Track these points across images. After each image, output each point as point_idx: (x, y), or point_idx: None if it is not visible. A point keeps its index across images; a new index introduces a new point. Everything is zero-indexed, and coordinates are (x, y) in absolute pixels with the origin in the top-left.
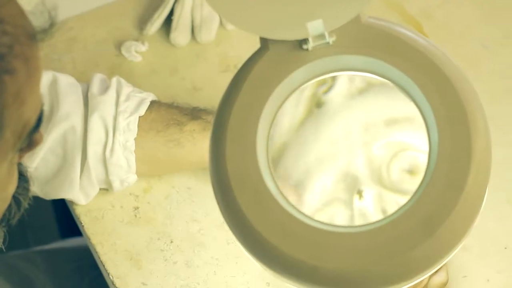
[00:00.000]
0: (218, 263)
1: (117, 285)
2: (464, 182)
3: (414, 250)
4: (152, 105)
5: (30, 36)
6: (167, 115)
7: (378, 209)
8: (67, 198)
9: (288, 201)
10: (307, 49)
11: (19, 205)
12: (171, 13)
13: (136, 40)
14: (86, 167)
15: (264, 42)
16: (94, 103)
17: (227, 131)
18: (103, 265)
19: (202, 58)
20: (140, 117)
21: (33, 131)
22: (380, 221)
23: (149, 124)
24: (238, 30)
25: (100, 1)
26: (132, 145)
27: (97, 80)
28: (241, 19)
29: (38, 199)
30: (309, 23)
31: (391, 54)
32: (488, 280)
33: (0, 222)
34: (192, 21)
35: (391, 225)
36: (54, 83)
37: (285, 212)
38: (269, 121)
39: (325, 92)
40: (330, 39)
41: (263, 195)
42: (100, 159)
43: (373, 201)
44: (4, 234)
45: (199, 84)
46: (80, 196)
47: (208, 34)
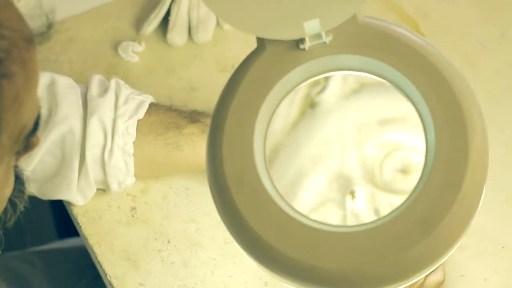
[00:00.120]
0: (216, 263)
1: (114, 286)
2: (461, 181)
3: (411, 250)
4: (151, 108)
5: (28, 40)
6: (166, 118)
7: (370, 209)
8: (64, 199)
9: (285, 201)
10: (303, 49)
11: (15, 208)
12: (168, 13)
13: (133, 40)
14: (84, 169)
15: (261, 42)
16: (93, 105)
17: (224, 131)
18: (101, 266)
19: (199, 58)
20: (139, 120)
21: (30, 134)
22: (377, 220)
23: (148, 127)
24: (235, 30)
25: (97, 1)
26: (131, 148)
27: (95, 82)
28: (238, 19)
29: (36, 200)
30: (305, 22)
31: (388, 54)
32: (485, 280)
33: None
34: (189, 21)
35: (388, 225)
36: (52, 85)
37: (282, 212)
38: (266, 121)
39: (319, 93)
40: (327, 39)
41: (260, 195)
42: (99, 161)
43: (365, 201)
44: (0, 236)
45: (196, 84)
46: (78, 197)
47: (205, 34)
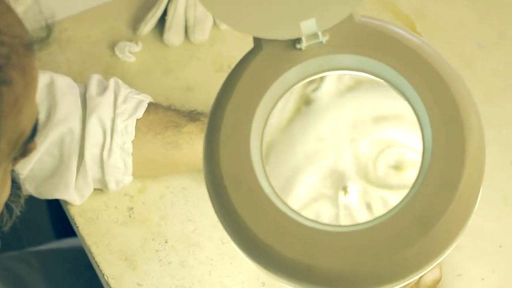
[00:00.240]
0: (213, 263)
1: (112, 286)
2: (458, 181)
3: (408, 249)
4: (150, 107)
5: (28, 46)
6: (165, 117)
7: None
8: (61, 198)
9: (282, 201)
10: (300, 49)
11: (11, 213)
12: (165, 13)
13: (130, 40)
14: (82, 168)
15: (258, 41)
16: (93, 104)
17: (221, 131)
18: (98, 266)
19: (195, 58)
20: (138, 119)
21: (28, 140)
22: (374, 220)
23: (147, 127)
24: (231, 30)
25: (94, 2)
26: (129, 147)
27: (94, 81)
28: (235, 19)
29: (33, 200)
30: (302, 22)
31: (385, 53)
32: (483, 279)
33: None
34: (186, 21)
35: (385, 224)
36: (51, 84)
37: (279, 212)
38: (263, 121)
39: (314, 90)
40: (323, 39)
41: (258, 195)
42: (97, 160)
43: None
44: None
45: (193, 84)
46: (75, 196)
47: (201, 34)
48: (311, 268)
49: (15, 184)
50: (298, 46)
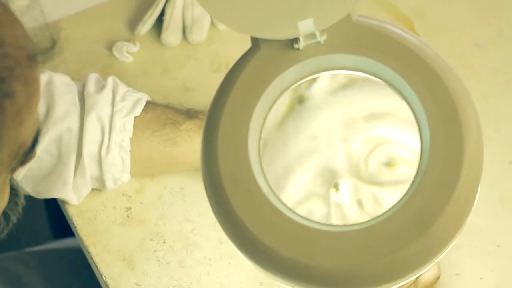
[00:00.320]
0: (211, 263)
1: (110, 286)
2: (456, 180)
3: (406, 249)
4: (148, 105)
5: (31, 58)
6: (164, 115)
7: (353, 201)
8: (59, 197)
9: (280, 200)
10: (298, 49)
11: (8, 220)
12: (162, 14)
13: (128, 40)
14: (80, 166)
15: (255, 41)
16: (91, 102)
17: (218, 131)
18: (96, 266)
19: (193, 58)
20: (136, 117)
21: (28, 151)
22: (372, 219)
23: (145, 124)
24: (229, 30)
25: (91, 2)
26: (127, 144)
27: (92, 79)
28: (232, 19)
29: (31, 200)
30: (300, 22)
31: (382, 53)
32: (481, 278)
33: None
34: (183, 21)
35: (383, 224)
36: (50, 83)
37: (277, 212)
38: (261, 121)
39: (307, 88)
40: (321, 38)
41: (256, 195)
42: (95, 158)
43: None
44: None
45: (190, 84)
46: (73, 195)
47: (199, 34)
48: (310, 268)
49: (13, 191)
50: (296, 46)
